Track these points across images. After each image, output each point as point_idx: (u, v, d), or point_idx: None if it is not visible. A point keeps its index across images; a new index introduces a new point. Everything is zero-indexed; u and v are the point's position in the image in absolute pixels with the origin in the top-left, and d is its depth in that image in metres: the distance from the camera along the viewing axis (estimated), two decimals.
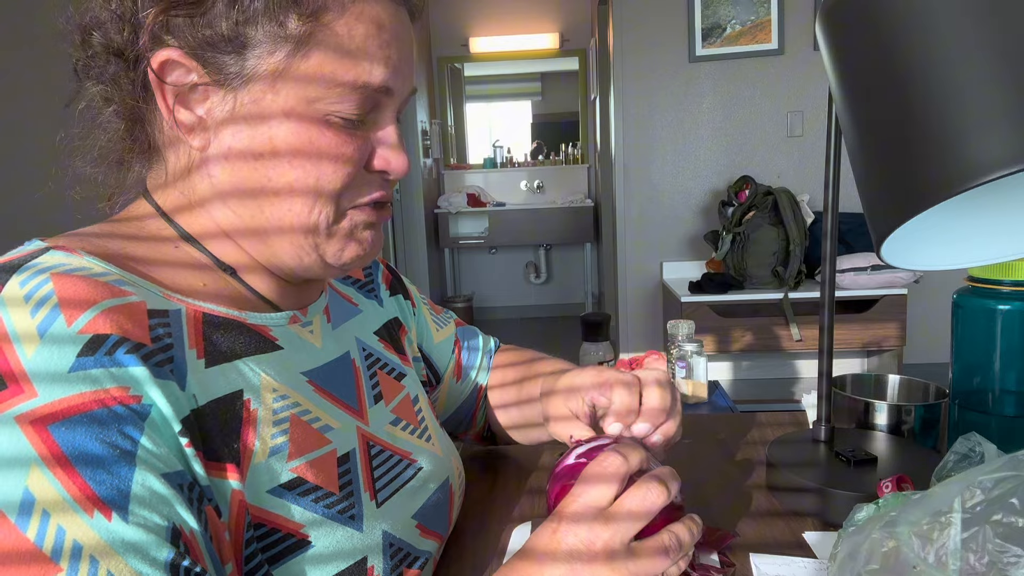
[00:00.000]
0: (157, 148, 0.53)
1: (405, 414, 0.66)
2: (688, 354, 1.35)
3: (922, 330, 3.26)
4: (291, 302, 0.59)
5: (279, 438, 0.49)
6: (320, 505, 0.50)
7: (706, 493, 0.76)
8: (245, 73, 0.48)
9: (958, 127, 0.45)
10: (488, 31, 5.22)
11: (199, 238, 0.54)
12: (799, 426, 0.94)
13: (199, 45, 0.47)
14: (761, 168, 3.31)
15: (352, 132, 0.51)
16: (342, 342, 0.62)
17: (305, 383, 0.55)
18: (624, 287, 3.50)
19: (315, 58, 0.48)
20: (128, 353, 0.42)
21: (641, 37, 3.29)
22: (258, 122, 0.49)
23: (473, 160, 5.57)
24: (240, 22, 0.47)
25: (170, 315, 0.47)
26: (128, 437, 0.40)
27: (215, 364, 0.48)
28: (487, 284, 5.59)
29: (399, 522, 0.57)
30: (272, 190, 0.51)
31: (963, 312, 0.75)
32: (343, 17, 0.49)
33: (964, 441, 0.54)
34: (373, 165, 0.54)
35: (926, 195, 0.46)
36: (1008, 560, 0.39)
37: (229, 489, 0.45)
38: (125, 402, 0.41)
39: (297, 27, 0.48)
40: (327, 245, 0.54)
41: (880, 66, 0.49)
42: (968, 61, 0.45)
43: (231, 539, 0.45)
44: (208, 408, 0.46)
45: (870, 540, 0.45)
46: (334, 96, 0.49)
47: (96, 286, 0.43)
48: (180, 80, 0.48)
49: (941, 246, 0.60)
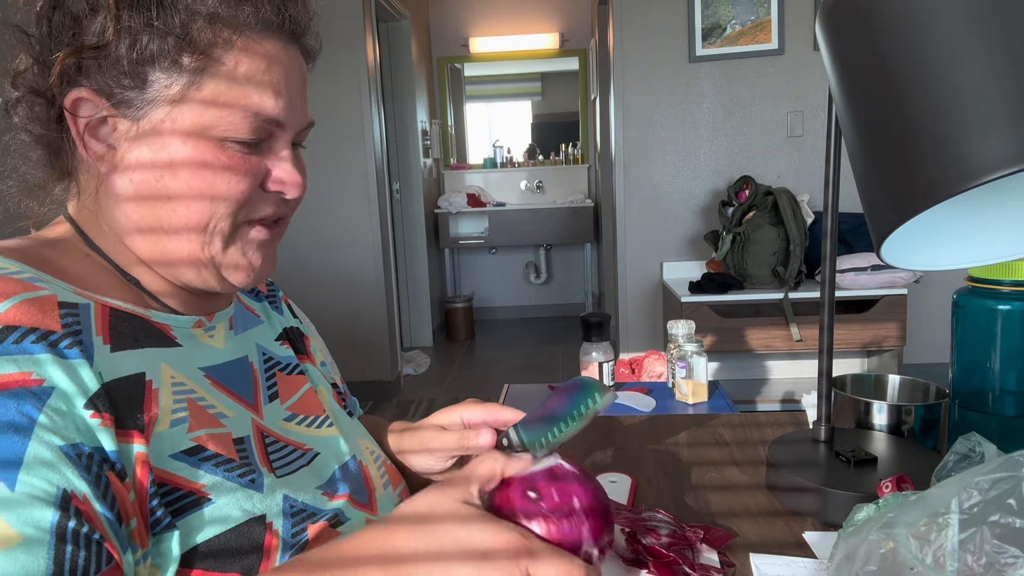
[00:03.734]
0: (72, 172, 0.60)
1: (305, 408, 0.69)
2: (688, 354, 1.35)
3: (922, 330, 3.26)
4: (198, 311, 0.63)
5: (179, 413, 0.55)
6: (221, 469, 0.55)
7: (706, 493, 0.76)
8: (146, 104, 0.55)
9: (958, 127, 0.45)
10: (488, 31, 5.22)
11: (112, 258, 0.59)
12: (799, 426, 0.94)
13: (105, 83, 0.54)
14: (761, 168, 3.31)
15: (246, 155, 0.57)
16: (242, 347, 0.67)
17: (202, 376, 0.59)
18: (624, 287, 3.50)
19: (208, 88, 0.55)
20: (35, 342, 0.47)
21: (641, 37, 3.29)
22: (159, 145, 0.55)
23: (473, 160, 5.57)
24: (139, 62, 0.54)
25: (79, 307, 0.52)
26: (25, 415, 0.45)
27: (119, 350, 0.53)
28: (487, 284, 5.59)
29: (301, 489, 0.60)
30: (170, 208, 0.57)
31: (963, 312, 0.75)
32: (231, 52, 0.55)
33: (964, 441, 0.54)
34: (268, 186, 0.60)
35: (926, 195, 0.46)
36: (1005, 561, 0.39)
37: (134, 452, 0.50)
38: (26, 384, 0.46)
39: (190, 62, 0.54)
40: (223, 260, 0.60)
41: (880, 66, 0.49)
42: (968, 61, 0.45)
43: (135, 498, 0.50)
44: (114, 384, 0.51)
45: (867, 542, 0.45)
46: (227, 124, 0.55)
47: (9, 282, 0.49)
48: (90, 113, 0.55)
49: (941, 246, 0.60)
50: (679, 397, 1.36)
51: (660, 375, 1.73)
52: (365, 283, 3.59)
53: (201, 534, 0.52)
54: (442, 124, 5.34)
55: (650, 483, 0.79)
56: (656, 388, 1.43)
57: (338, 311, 3.56)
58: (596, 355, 1.40)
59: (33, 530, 0.43)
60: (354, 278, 3.58)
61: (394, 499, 0.73)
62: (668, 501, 0.75)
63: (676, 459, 0.86)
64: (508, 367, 4.21)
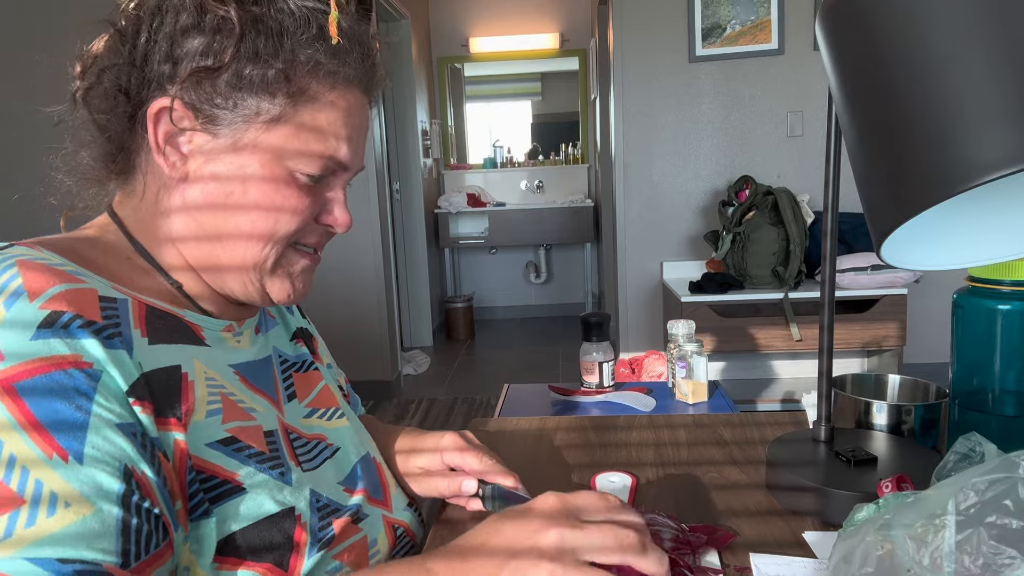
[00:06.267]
0: (136, 172, 0.61)
1: (322, 402, 0.72)
2: (688, 354, 1.35)
3: (922, 330, 3.26)
4: (229, 316, 0.65)
5: (214, 404, 0.57)
6: (254, 460, 0.57)
7: (706, 493, 0.76)
8: (231, 124, 0.57)
9: (958, 127, 0.45)
10: (488, 31, 5.21)
11: (158, 261, 0.61)
12: (799, 426, 0.94)
13: (197, 98, 0.56)
14: (761, 168, 3.31)
15: (310, 188, 0.60)
16: (266, 348, 0.69)
17: (232, 373, 0.62)
18: (624, 287, 3.50)
19: (293, 124, 0.58)
20: (81, 328, 0.49)
21: (641, 37, 3.29)
22: (236, 164, 0.58)
23: (473, 160, 5.57)
24: (238, 87, 0.56)
25: (118, 302, 0.54)
26: (84, 394, 0.47)
27: (156, 343, 0.55)
28: (487, 284, 5.59)
29: (325, 484, 0.63)
30: (235, 220, 0.59)
31: (963, 312, 0.75)
32: (322, 97, 0.59)
33: (964, 441, 0.54)
34: (323, 219, 0.64)
35: (926, 195, 0.46)
36: (1002, 562, 0.39)
37: (173, 439, 0.52)
38: (80, 367, 0.48)
39: (284, 97, 0.57)
40: (270, 281, 0.62)
41: (880, 66, 0.49)
42: (968, 61, 0.45)
43: (178, 479, 0.52)
44: (153, 374, 0.53)
45: (864, 543, 0.45)
46: (302, 159, 0.59)
47: (55, 272, 0.50)
48: (174, 123, 0.57)
49: (941, 246, 0.60)
50: (679, 397, 1.36)
51: (660, 375, 1.73)
52: (365, 283, 3.59)
53: (236, 523, 0.54)
54: (442, 124, 5.33)
55: (650, 483, 0.79)
56: (656, 388, 1.43)
57: (338, 311, 3.56)
58: (596, 355, 1.40)
59: (103, 500, 0.45)
60: (354, 278, 3.58)
61: (405, 498, 0.74)
62: (668, 501, 0.75)
63: (676, 459, 0.86)
64: (508, 367, 4.21)
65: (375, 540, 0.65)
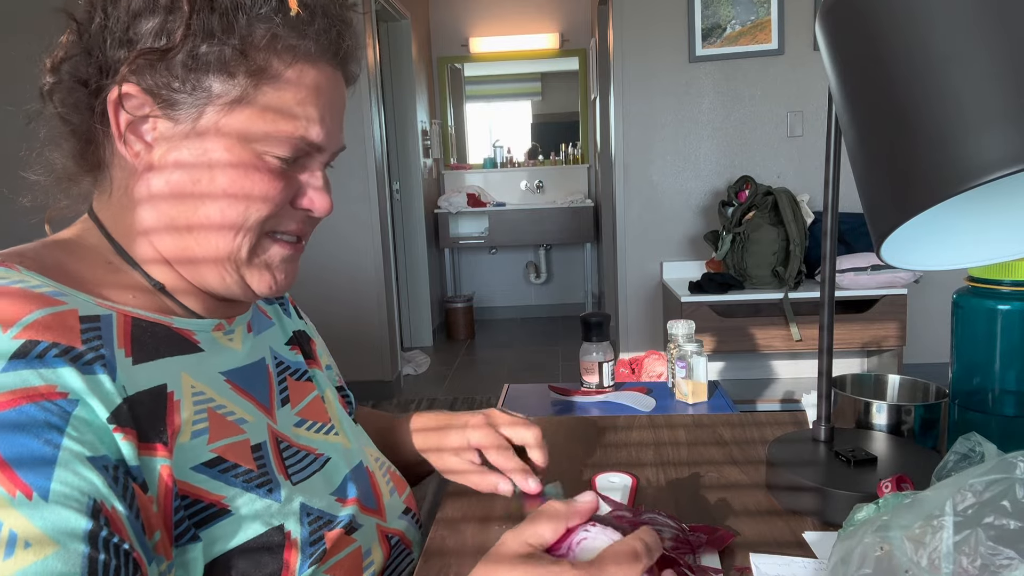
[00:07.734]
0: (104, 167, 0.59)
1: (312, 414, 0.70)
2: (688, 354, 1.35)
3: (922, 330, 3.26)
4: (217, 314, 0.64)
5: (199, 424, 0.55)
6: (240, 480, 0.56)
7: (706, 493, 0.76)
8: (193, 108, 0.55)
9: (958, 127, 0.45)
10: (488, 31, 5.21)
11: (134, 257, 0.59)
12: (799, 426, 0.94)
13: (155, 83, 0.54)
14: (761, 168, 3.31)
15: (283, 171, 0.58)
16: (259, 349, 0.68)
17: (223, 382, 0.60)
18: (624, 287, 3.50)
19: (258, 103, 0.55)
20: (57, 357, 0.47)
21: (641, 37, 3.29)
22: (200, 149, 0.55)
23: (473, 160, 5.57)
24: (195, 68, 0.54)
25: (101, 319, 0.52)
26: (55, 428, 0.45)
27: (141, 362, 0.53)
28: (487, 284, 5.59)
29: (316, 495, 0.61)
30: (204, 208, 0.57)
31: (963, 312, 0.75)
32: (285, 72, 0.56)
33: (964, 441, 0.54)
34: (299, 203, 0.61)
35: (926, 195, 0.46)
36: (1000, 563, 0.39)
37: (158, 465, 0.50)
38: (51, 398, 0.46)
39: (244, 75, 0.54)
40: (248, 272, 0.60)
41: (880, 66, 0.49)
42: (968, 61, 0.45)
43: (159, 510, 0.50)
44: (137, 397, 0.51)
45: (863, 544, 0.45)
46: (270, 140, 0.56)
47: (31, 297, 0.49)
48: (134, 110, 0.55)
49: (941, 246, 0.60)
50: (679, 397, 1.36)
51: (660, 375, 1.73)
52: (365, 283, 3.59)
53: (224, 544, 0.53)
54: (442, 124, 5.33)
55: (650, 483, 0.79)
56: (656, 388, 1.43)
57: (338, 311, 3.56)
58: (596, 355, 1.40)
59: (68, 538, 0.43)
60: (354, 278, 3.58)
61: (401, 506, 0.73)
62: (668, 501, 0.75)
63: (676, 459, 0.86)
64: (508, 367, 4.21)
65: (369, 551, 0.64)
